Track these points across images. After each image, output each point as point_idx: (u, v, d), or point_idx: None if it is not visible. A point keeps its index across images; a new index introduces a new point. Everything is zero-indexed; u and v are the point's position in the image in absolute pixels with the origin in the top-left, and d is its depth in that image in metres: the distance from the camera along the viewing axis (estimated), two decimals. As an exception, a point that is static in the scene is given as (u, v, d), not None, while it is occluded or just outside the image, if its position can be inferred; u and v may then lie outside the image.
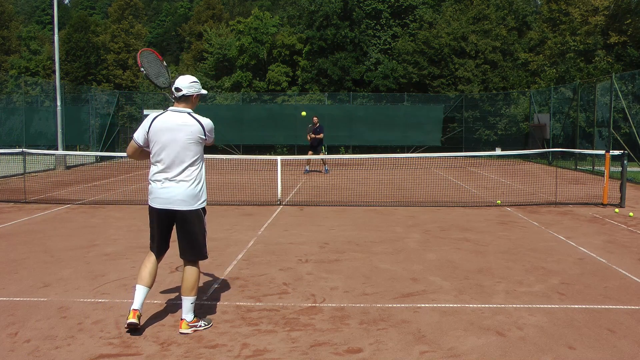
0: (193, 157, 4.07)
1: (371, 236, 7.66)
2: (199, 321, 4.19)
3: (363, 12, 30.63)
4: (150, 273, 4.16)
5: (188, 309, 4.13)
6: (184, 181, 4.04)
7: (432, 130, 26.32)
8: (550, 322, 4.40)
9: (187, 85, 4.12)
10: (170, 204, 4.05)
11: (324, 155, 16.29)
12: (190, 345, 3.92)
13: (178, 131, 4.03)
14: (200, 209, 4.13)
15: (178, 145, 4.03)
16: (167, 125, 4.06)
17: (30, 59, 45.77)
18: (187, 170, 4.06)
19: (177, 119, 4.08)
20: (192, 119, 4.10)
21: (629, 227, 8.42)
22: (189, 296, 4.13)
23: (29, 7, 77.19)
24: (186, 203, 4.05)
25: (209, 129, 4.16)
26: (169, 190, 4.04)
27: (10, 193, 11.84)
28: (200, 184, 4.13)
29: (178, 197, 4.04)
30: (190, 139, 4.05)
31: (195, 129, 4.07)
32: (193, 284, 4.14)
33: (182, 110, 4.12)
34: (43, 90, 29.19)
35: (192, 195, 4.06)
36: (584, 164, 19.05)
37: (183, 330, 4.11)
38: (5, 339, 4.03)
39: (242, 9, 52.24)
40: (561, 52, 25.97)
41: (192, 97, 4.17)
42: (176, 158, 4.03)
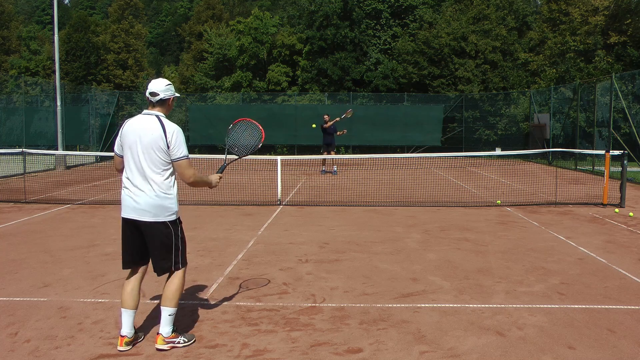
0: (158, 165, 3.77)
1: (371, 236, 7.66)
2: (179, 337, 3.89)
3: (363, 12, 30.62)
4: (128, 293, 3.86)
5: (165, 321, 3.84)
6: (148, 190, 3.76)
7: (432, 130, 26.31)
8: (550, 322, 4.40)
9: (163, 88, 3.86)
10: (134, 213, 3.79)
11: (335, 154, 16.14)
12: (190, 345, 3.92)
13: (143, 135, 3.76)
14: (169, 221, 3.81)
15: (141, 150, 3.76)
16: (133, 128, 3.82)
17: (30, 59, 45.76)
18: (151, 178, 3.76)
19: (144, 123, 3.81)
20: (157, 123, 3.79)
21: (629, 227, 8.41)
22: (167, 307, 3.84)
23: (29, 7, 77.20)
24: (150, 214, 3.76)
25: (171, 137, 3.76)
26: (133, 199, 3.78)
27: (10, 193, 11.84)
28: (168, 195, 3.80)
29: (141, 207, 3.75)
30: (153, 145, 3.74)
31: (157, 134, 3.75)
32: (173, 293, 3.85)
33: (151, 113, 3.86)
34: (43, 90, 29.18)
35: (155, 206, 3.76)
36: (584, 164, 19.05)
37: (159, 346, 3.83)
38: (5, 339, 4.03)
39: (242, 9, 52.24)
40: (561, 52, 25.97)
41: (169, 101, 3.91)
42: (140, 164, 3.76)
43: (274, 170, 11.29)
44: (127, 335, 3.85)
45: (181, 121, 28.99)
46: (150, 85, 3.90)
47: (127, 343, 3.85)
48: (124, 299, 3.88)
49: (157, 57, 61.84)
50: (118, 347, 3.83)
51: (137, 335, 3.99)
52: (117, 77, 42.54)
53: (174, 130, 3.80)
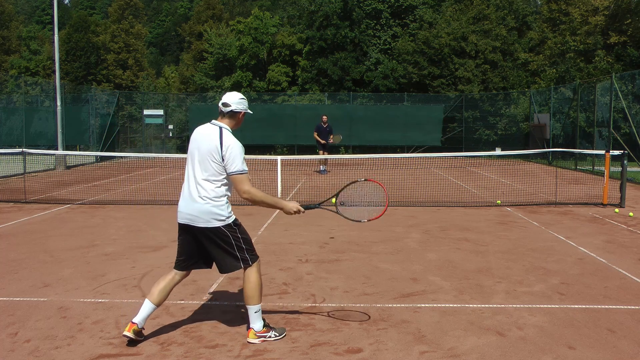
0: (209, 174, 3.82)
1: (371, 236, 7.66)
2: (270, 331, 4.00)
3: (363, 12, 30.62)
4: (160, 290, 3.93)
5: (253, 317, 3.95)
6: (200, 197, 3.82)
7: (432, 130, 26.30)
8: (550, 322, 4.40)
9: (236, 101, 3.95)
10: (188, 219, 3.87)
11: (328, 155, 16.32)
12: (190, 345, 3.92)
13: (202, 143, 3.87)
14: (222, 225, 3.84)
15: (197, 158, 3.86)
16: (196, 136, 3.95)
17: (30, 59, 45.77)
18: (204, 186, 3.83)
19: (207, 131, 3.92)
20: (217, 135, 3.86)
21: (629, 227, 8.41)
22: (251, 305, 3.94)
23: (29, 7, 77.17)
24: (202, 220, 3.82)
25: (226, 151, 3.79)
26: (186, 205, 3.87)
27: (10, 193, 11.84)
28: (219, 203, 3.83)
29: (194, 213, 3.83)
30: (206, 154, 3.83)
31: (213, 145, 3.82)
32: (251, 292, 3.91)
33: (217, 123, 3.95)
34: (43, 90, 29.18)
35: (207, 212, 3.81)
36: (584, 164, 19.05)
37: (250, 340, 3.95)
38: (5, 339, 4.03)
39: (242, 9, 52.22)
40: (561, 52, 25.97)
41: (239, 115, 3.99)
42: (197, 171, 3.86)
43: (274, 170, 11.29)
44: (138, 325, 3.87)
45: (181, 121, 29.00)
46: (224, 96, 4.00)
47: (135, 332, 3.85)
48: (152, 291, 3.94)
49: (157, 57, 61.82)
50: (124, 332, 3.86)
51: (142, 335, 3.96)
52: (117, 77, 42.55)
53: (230, 144, 3.82)
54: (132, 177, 16.01)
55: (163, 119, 27.47)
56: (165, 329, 4.21)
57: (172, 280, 4.00)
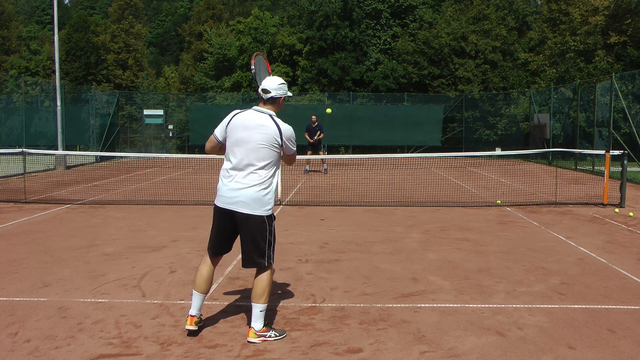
0: (265, 161, 3.89)
1: (371, 236, 7.66)
2: (270, 331, 4.00)
3: (363, 12, 30.62)
4: (204, 279, 4.03)
5: (257, 316, 3.95)
6: (250, 183, 3.87)
7: (432, 130, 26.30)
8: (550, 322, 4.40)
9: (275, 87, 4.00)
10: (232, 205, 3.89)
11: (324, 154, 16.34)
12: (190, 345, 3.92)
13: (254, 131, 3.89)
14: (265, 215, 3.92)
15: (251, 145, 3.88)
16: (245, 122, 3.95)
17: (30, 59, 45.76)
18: (255, 172, 3.88)
19: (257, 119, 3.95)
20: (271, 122, 3.93)
21: (629, 227, 8.41)
22: (258, 303, 3.95)
23: (29, 7, 77.19)
24: (248, 206, 3.86)
25: (287, 136, 3.94)
26: (233, 191, 3.89)
27: (10, 193, 11.84)
28: (268, 190, 3.92)
29: (241, 199, 3.86)
30: (264, 142, 3.88)
31: (271, 132, 3.89)
32: (262, 290, 3.95)
33: (264, 111, 3.99)
34: (43, 90, 29.17)
35: (255, 199, 3.86)
36: (584, 164, 19.04)
37: (250, 339, 3.94)
38: (5, 339, 4.03)
39: (242, 9, 52.24)
40: (561, 52, 25.97)
41: (280, 100, 4.05)
42: (246, 158, 3.89)
43: (274, 170, 11.27)
44: (197, 316, 4.04)
45: (181, 121, 29.00)
46: (264, 82, 4.04)
47: (197, 323, 4.03)
48: (196, 282, 4.05)
49: (157, 57, 61.85)
50: (187, 326, 4.01)
51: (202, 320, 4.16)
52: (117, 77, 42.55)
53: (288, 129, 3.99)
54: (132, 177, 16.01)
55: (163, 119, 27.47)
56: (165, 329, 4.21)
57: (210, 267, 4.11)
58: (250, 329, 3.98)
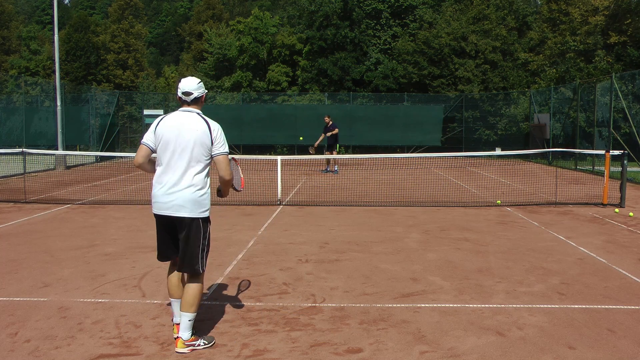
0: (197, 161, 3.83)
1: (371, 236, 7.66)
2: (198, 339, 3.92)
3: (363, 12, 30.61)
4: (174, 285, 4.00)
5: (185, 326, 3.85)
6: (185, 186, 3.80)
7: (432, 130, 26.30)
8: (550, 322, 4.40)
9: (196, 87, 3.95)
10: (168, 209, 3.83)
11: (337, 155, 16.43)
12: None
13: (184, 131, 3.83)
14: (201, 218, 3.86)
15: (182, 147, 3.81)
16: (174, 124, 3.87)
17: (30, 59, 45.76)
18: (188, 173, 3.82)
19: (185, 119, 3.89)
20: (201, 120, 3.88)
21: (629, 227, 8.41)
22: (187, 312, 3.85)
23: (29, 7, 77.19)
24: (184, 209, 3.80)
25: (216, 134, 3.88)
26: (168, 195, 3.82)
27: (10, 193, 11.84)
28: (203, 191, 3.87)
29: (176, 202, 3.80)
30: (195, 141, 3.81)
31: (201, 130, 3.84)
32: (192, 299, 3.86)
33: (191, 110, 3.94)
34: (43, 90, 29.17)
35: (190, 201, 3.80)
36: (584, 164, 19.05)
37: (178, 350, 3.84)
38: (5, 339, 4.03)
39: (242, 9, 52.24)
40: (561, 52, 25.97)
41: (202, 98, 4.03)
42: (178, 160, 3.81)
43: (274, 170, 11.29)
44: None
45: (181, 121, 28.95)
46: (182, 85, 3.97)
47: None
48: (170, 290, 4.03)
49: (157, 57, 61.85)
50: (175, 334, 3.96)
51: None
52: (117, 77, 42.56)
53: (216, 127, 3.93)
54: (132, 177, 16.00)
55: (163, 119, 27.43)
56: (165, 329, 4.21)
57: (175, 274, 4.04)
58: (178, 339, 3.87)
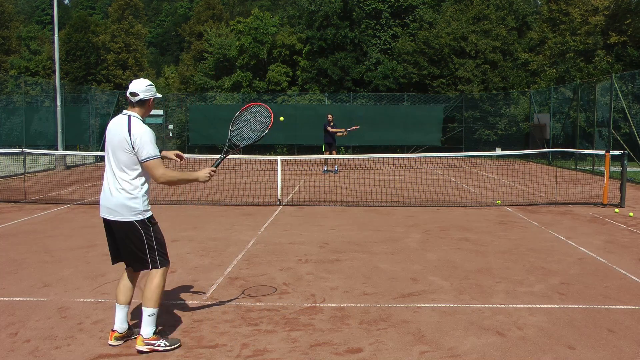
0: (126, 165, 3.77)
1: (371, 236, 7.66)
2: (160, 339, 3.82)
3: (363, 12, 30.62)
4: (120, 289, 3.94)
5: (146, 322, 3.80)
6: (116, 190, 3.78)
7: (432, 130, 26.30)
8: (550, 322, 4.40)
9: (143, 89, 3.86)
10: (105, 213, 3.84)
11: (336, 154, 16.50)
12: (190, 345, 3.92)
13: (115, 135, 3.81)
14: (136, 220, 3.78)
15: (111, 151, 3.81)
16: (110, 127, 3.88)
17: (30, 59, 45.76)
18: (120, 178, 3.79)
19: (117, 123, 3.85)
20: (126, 125, 3.78)
21: (629, 227, 8.41)
22: (147, 307, 3.81)
23: (29, 7, 77.19)
24: (117, 213, 3.78)
25: (135, 139, 3.72)
26: (105, 199, 3.84)
27: (10, 193, 11.84)
28: (134, 195, 3.77)
29: (109, 206, 3.80)
30: (119, 146, 3.76)
31: (122, 136, 3.76)
32: (151, 292, 3.81)
33: (127, 113, 3.85)
34: (43, 90, 29.18)
35: (122, 205, 3.76)
36: (584, 164, 19.04)
37: (138, 347, 3.78)
38: (5, 339, 4.03)
39: (242, 9, 52.23)
40: (561, 52, 25.96)
41: (149, 102, 3.90)
42: (113, 164, 3.82)
43: (274, 170, 11.29)
44: (118, 330, 3.90)
45: (181, 121, 28.99)
46: (131, 85, 3.91)
47: (117, 338, 3.89)
48: (116, 293, 3.97)
49: (157, 57, 61.86)
50: (108, 342, 3.90)
51: (131, 331, 3.99)
52: (117, 77, 42.56)
53: (140, 132, 3.76)
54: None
55: (163, 119, 27.48)
56: (166, 329, 4.21)
57: (126, 278, 3.99)
58: (138, 337, 3.82)
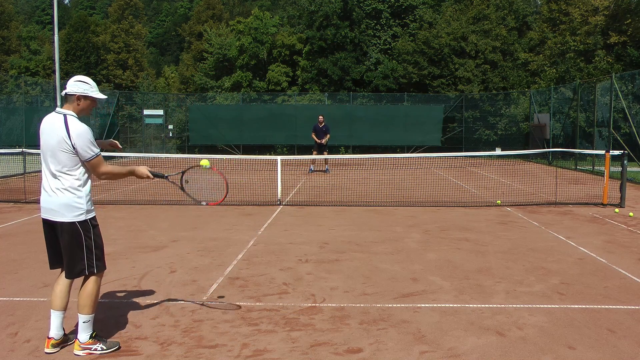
0: (64, 165, 3.67)
1: (371, 236, 7.66)
2: (97, 343, 3.78)
3: (363, 12, 30.62)
4: (56, 294, 3.81)
5: (81, 327, 3.77)
6: (57, 190, 3.69)
7: (432, 130, 26.31)
8: (550, 322, 4.40)
9: (71, 83, 3.75)
10: (46, 214, 3.76)
11: (327, 155, 16.48)
12: (190, 345, 3.92)
13: (49, 135, 3.68)
14: (77, 221, 3.72)
15: (49, 150, 3.69)
16: (43, 127, 3.75)
17: (30, 59, 45.76)
18: (59, 178, 3.69)
19: (51, 121, 3.72)
20: (62, 124, 3.65)
21: (629, 227, 8.41)
22: (82, 314, 3.77)
23: (29, 7, 77.21)
24: (58, 214, 3.69)
25: (76, 140, 3.63)
26: (45, 199, 3.75)
27: (10, 193, 11.83)
28: (75, 195, 3.70)
29: (50, 207, 3.71)
30: (58, 145, 3.64)
31: (61, 136, 3.63)
32: (85, 299, 3.77)
33: (60, 111, 3.73)
34: (43, 90, 29.17)
35: (63, 205, 3.67)
36: (584, 164, 19.05)
37: (75, 352, 3.76)
38: (5, 339, 4.03)
39: (242, 9, 52.24)
40: (561, 52, 25.97)
41: (74, 98, 3.73)
42: (50, 164, 3.70)
43: (274, 170, 11.29)
44: (54, 337, 3.80)
45: (181, 121, 29.00)
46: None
47: (54, 345, 3.79)
48: (52, 299, 3.83)
49: (157, 57, 61.84)
50: (45, 350, 3.79)
51: (67, 337, 3.92)
52: (117, 77, 42.56)
53: (78, 132, 3.66)
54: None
55: (163, 119, 27.48)
56: (165, 329, 4.21)
57: (64, 283, 3.87)
58: (75, 341, 3.81)
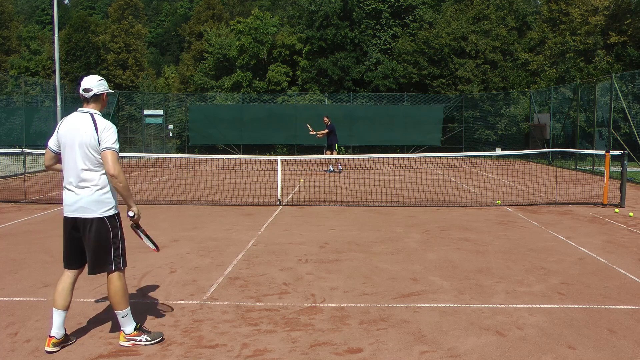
0: (93, 162, 3.81)
1: (371, 236, 7.66)
2: (142, 335, 3.93)
3: (363, 12, 30.63)
4: (59, 293, 3.88)
5: (122, 322, 3.91)
6: (86, 187, 3.80)
7: (432, 130, 26.32)
8: (550, 322, 4.40)
9: (96, 84, 3.94)
10: (74, 212, 3.83)
11: (336, 154, 16.53)
12: (190, 345, 3.92)
13: (78, 133, 3.82)
14: (106, 217, 3.84)
15: (78, 148, 3.81)
16: (69, 126, 3.88)
17: (30, 59, 45.75)
18: (88, 174, 3.81)
19: (79, 120, 3.88)
20: (90, 120, 3.86)
21: (629, 227, 8.41)
22: (118, 310, 3.90)
23: (29, 7, 77.21)
24: (88, 210, 3.79)
25: (102, 132, 3.81)
26: (72, 197, 3.83)
27: (10, 193, 11.84)
28: (104, 190, 3.84)
29: (80, 204, 3.80)
30: (87, 143, 3.80)
31: (89, 132, 3.81)
32: (116, 297, 3.89)
33: (86, 110, 3.92)
34: (43, 90, 29.18)
35: (93, 202, 3.80)
36: (584, 164, 19.05)
37: (121, 342, 3.92)
38: (5, 339, 4.03)
39: (242, 9, 52.22)
40: (561, 52, 25.97)
41: (102, 96, 4.00)
42: (78, 161, 3.81)
43: (274, 170, 11.29)
44: (56, 336, 3.83)
45: (181, 121, 29.00)
46: (83, 82, 3.96)
47: (55, 344, 3.82)
48: (55, 298, 3.89)
49: (157, 57, 61.84)
50: (45, 348, 3.82)
51: (68, 337, 3.94)
52: (117, 77, 42.54)
53: (105, 125, 3.86)
54: (132, 177, 16.00)
55: (163, 119, 27.48)
56: (165, 329, 4.21)
57: (69, 280, 3.95)
58: (120, 332, 3.93)
